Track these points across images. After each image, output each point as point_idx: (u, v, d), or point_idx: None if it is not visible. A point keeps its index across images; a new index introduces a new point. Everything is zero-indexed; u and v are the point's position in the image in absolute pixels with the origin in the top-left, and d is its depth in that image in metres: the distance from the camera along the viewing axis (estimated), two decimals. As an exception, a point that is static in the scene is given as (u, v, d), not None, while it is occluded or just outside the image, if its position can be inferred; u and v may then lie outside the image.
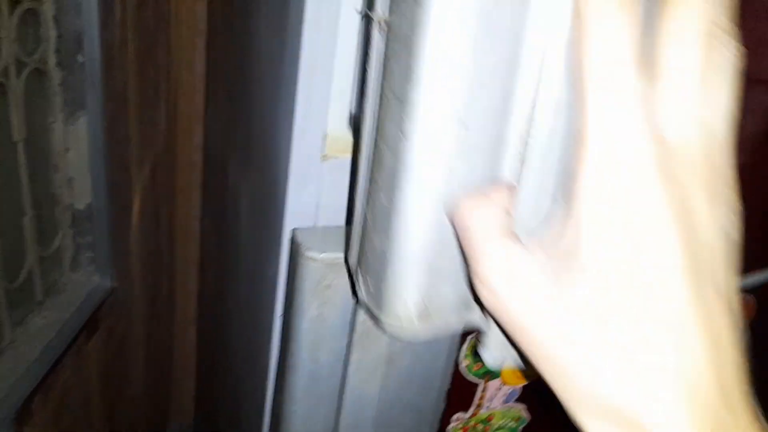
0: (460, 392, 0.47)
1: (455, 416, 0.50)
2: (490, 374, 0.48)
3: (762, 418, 0.22)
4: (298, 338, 0.45)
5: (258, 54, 0.61)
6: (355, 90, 0.50)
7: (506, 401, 0.50)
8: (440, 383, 0.46)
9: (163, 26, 1.13)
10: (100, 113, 0.94)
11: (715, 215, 0.22)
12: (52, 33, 0.86)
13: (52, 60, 0.88)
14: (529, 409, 0.52)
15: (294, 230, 0.45)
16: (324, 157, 0.46)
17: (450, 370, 0.46)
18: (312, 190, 0.47)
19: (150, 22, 1.08)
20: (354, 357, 0.44)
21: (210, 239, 1.15)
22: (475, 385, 0.48)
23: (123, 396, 1.21)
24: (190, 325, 1.38)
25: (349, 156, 0.47)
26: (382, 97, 0.29)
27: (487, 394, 0.49)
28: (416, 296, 0.29)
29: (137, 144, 1.12)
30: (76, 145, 0.96)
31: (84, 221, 1.01)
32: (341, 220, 0.48)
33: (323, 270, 0.43)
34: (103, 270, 1.05)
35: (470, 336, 0.46)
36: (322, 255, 0.42)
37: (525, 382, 0.50)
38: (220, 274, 0.99)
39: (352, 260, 0.35)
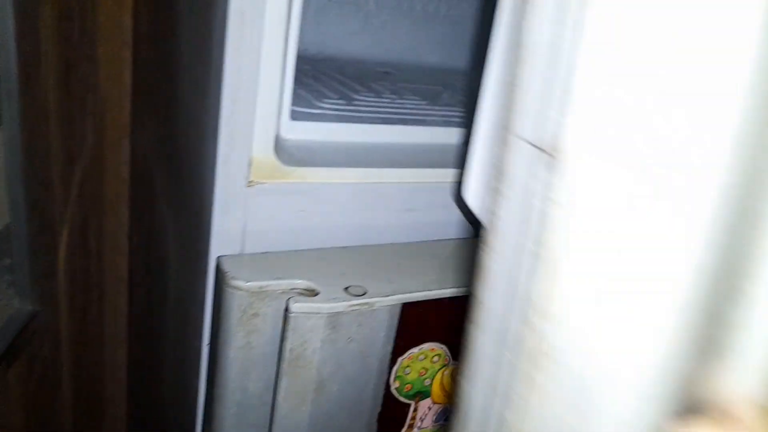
0: (392, 414, 0.48)
1: (388, 437, 0.51)
2: (421, 394, 0.49)
3: None
4: (225, 367, 0.44)
5: (183, 73, 0.59)
6: (283, 115, 0.50)
7: (437, 420, 0.51)
8: (371, 407, 0.46)
9: (89, 38, 1.09)
10: (17, 128, 0.90)
11: None
12: (-38, 45, 0.81)
13: (-38, 74, 0.83)
14: (462, 425, 0.53)
15: (219, 258, 0.44)
16: (250, 183, 0.45)
17: (381, 393, 0.46)
18: (238, 217, 0.46)
19: (74, 34, 1.04)
20: (283, 384, 0.43)
21: (139, 256, 1.12)
22: (407, 406, 0.49)
23: (49, 426, 1.15)
24: (120, 347, 1.33)
25: (276, 182, 0.46)
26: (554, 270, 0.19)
27: (419, 414, 0.49)
28: None
29: (61, 159, 1.07)
30: (-9, 162, 0.91)
31: (2, 242, 0.96)
32: (269, 246, 0.47)
33: (249, 298, 0.42)
34: (24, 293, 0.99)
35: (400, 357, 0.46)
36: (248, 284, 0.42)
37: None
38: (149, 295, 0.96)
39: None
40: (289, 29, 0.45)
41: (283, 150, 0.48)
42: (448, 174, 0.54)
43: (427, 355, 0.48)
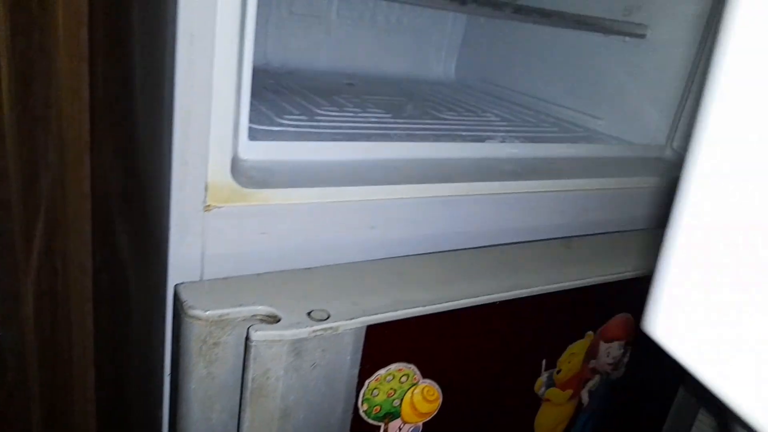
0: (361, 437, 0.47)
1: (358, 460, 0.50)
2: (390, 415, 0.48)
3: None
4: (187, 399, 0.43)
5: (136, 93, 0.58)
6: (240, 136, 0.49)
7: (408, 439, 0.50)
8: (339, 432, 0.46)
9: (46, 53, 1.06)
10: (-30, 150, 0.87)
11: None
12: None
13: None
14: (434, 442, 0.52)
15: (177, 286, 0.43)
16: (207, 208, 0.44)
17: (349, 417, 0.46)
18: (195, 242, 0.45)
19: (31, 50, 1.01)
20: (247, 415, 0.42)
21: (102, 275, 1.09)
22: (377, 428, 0.48)
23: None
24: (89, 368, 1.29)
25: (234, 205, 0.45)
26: None
27: (389, 435, 0.49)
28: None
29: (20, 180, 1.04)
30: (-57, 186, 0.87)
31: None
32: (229, 271, 0.46)
33: (209, 328, 0.41)
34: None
35: (368, 380, 0.46)
36: (207, 313, 0.40)
37: (425, 419, 0.50)
38: (114, 315, 0.94)
39: None
40: (243, 49, 0.44)
41: (241, 172, 0.47)
42: (410, 190, 0.53)
43: (395, 375, 0.47)
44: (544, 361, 0.58)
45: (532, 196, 0.62)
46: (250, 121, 0.59)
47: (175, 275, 0.45)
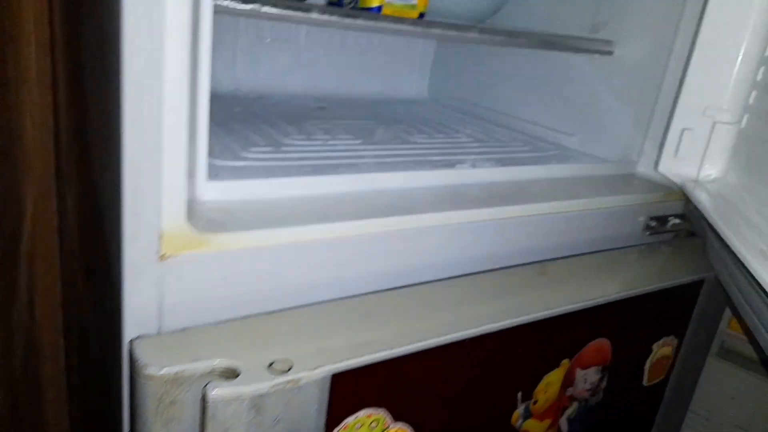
0: (332, 487, 0.45)
1: None
2: (362, 463, 0.46)
3: None
4: (146, 459, 0.41)
5: (92, 131, 0.56)
6: (198, 177, 0.47)
7: (382, 485, 0.48)
8: (307, 485, 0.44)
9: (12, 84, 1.03)
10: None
11: None
12: None
13: None
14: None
15: (132, 342, 0.41)
16: (162, 257, 0.42)
17: (317, 469, 0.44)
18: (150, 293, 0.43)
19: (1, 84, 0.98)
20: (209, 474, 0.40)
21: (73, 308, 1.06)
22: (348, 475, 0.46)
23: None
24: (63, 405, 1.26)
25: (192, 252, 0.44)
26: None
27: (361, 483, 0.47)
28: None
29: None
30: None
31: None
32: (189, 320, 0.44)
33: (165, 386, 0.39)
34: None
35: (336, 429, 0.44)
36: (162, 371, 0.39)
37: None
38: (84, 351, 0.91)
39: None
40: (198, 91, 0.43)
41: (199, 215, 0.46)
42: (377, 224, 0.52)
43: (363, 422, 0.45)
44: (519, 393, 0.57)
45: (503, 222, 0.61)
46: (213, 156, 0.57)
47: (130, 329, 0.43)
